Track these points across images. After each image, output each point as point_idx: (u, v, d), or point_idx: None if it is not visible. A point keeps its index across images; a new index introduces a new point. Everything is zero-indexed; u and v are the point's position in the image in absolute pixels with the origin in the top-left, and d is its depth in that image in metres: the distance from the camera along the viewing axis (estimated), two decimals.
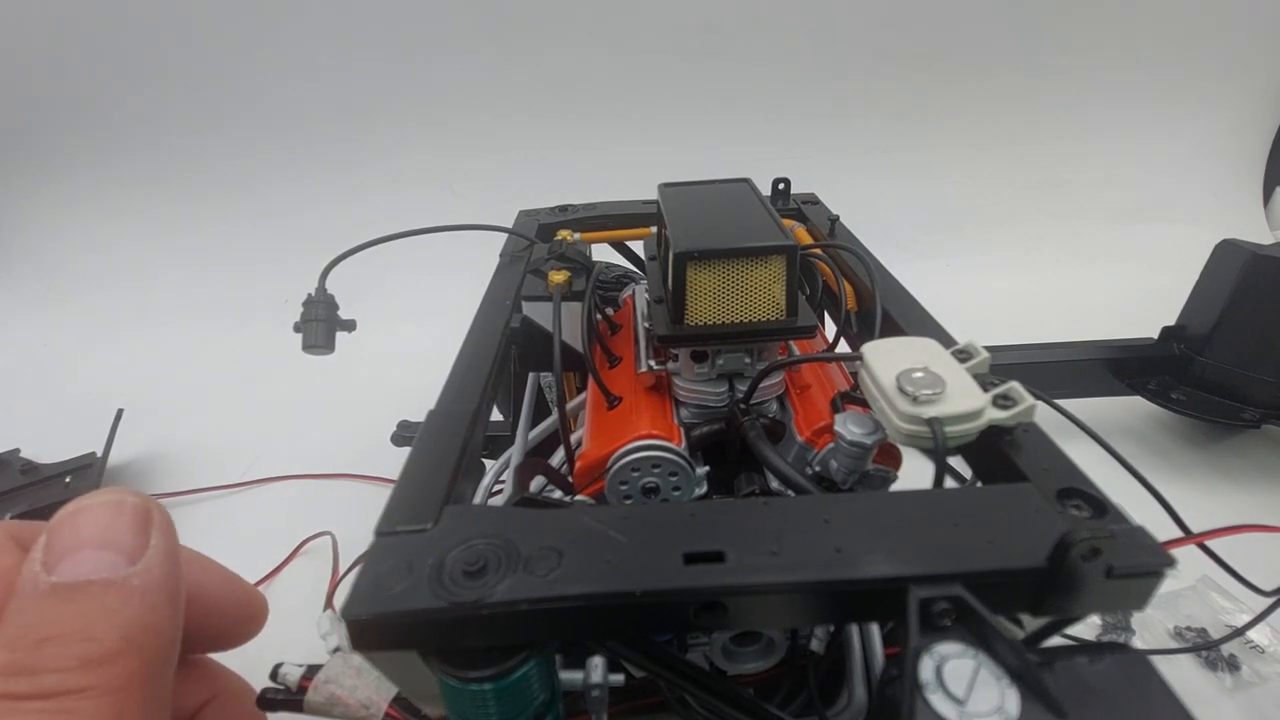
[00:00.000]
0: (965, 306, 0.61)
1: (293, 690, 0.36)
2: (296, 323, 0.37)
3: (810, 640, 0.29)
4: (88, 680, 0.16)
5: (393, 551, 0.19)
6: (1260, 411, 0.56)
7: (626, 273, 0.49)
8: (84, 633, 0.17)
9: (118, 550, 0.18)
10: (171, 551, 0.19)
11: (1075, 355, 0.62)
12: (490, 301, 0.37)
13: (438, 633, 0.18)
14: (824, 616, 0.20)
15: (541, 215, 0.50)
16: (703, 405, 0.32)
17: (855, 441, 0.26)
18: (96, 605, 0.17)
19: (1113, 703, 0.16)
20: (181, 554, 0.20)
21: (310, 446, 0.65)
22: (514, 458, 0.38)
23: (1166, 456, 0.61)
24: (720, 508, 0.21)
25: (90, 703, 0.16)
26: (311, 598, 0.47)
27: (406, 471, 0.23)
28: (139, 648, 0.17)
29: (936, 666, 0.16)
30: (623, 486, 0.29)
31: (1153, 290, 0.71)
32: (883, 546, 0.19)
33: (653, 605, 0.18)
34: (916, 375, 0.22)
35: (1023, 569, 0.18)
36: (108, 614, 0.17)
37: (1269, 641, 0.42)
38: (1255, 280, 0.56)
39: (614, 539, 0.19)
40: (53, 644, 0.16)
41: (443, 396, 0.28)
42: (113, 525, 0.18)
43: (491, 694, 0.18)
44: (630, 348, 0.37)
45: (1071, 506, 0.20)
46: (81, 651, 0.16)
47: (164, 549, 0.19)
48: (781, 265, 0.29)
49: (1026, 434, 0.23)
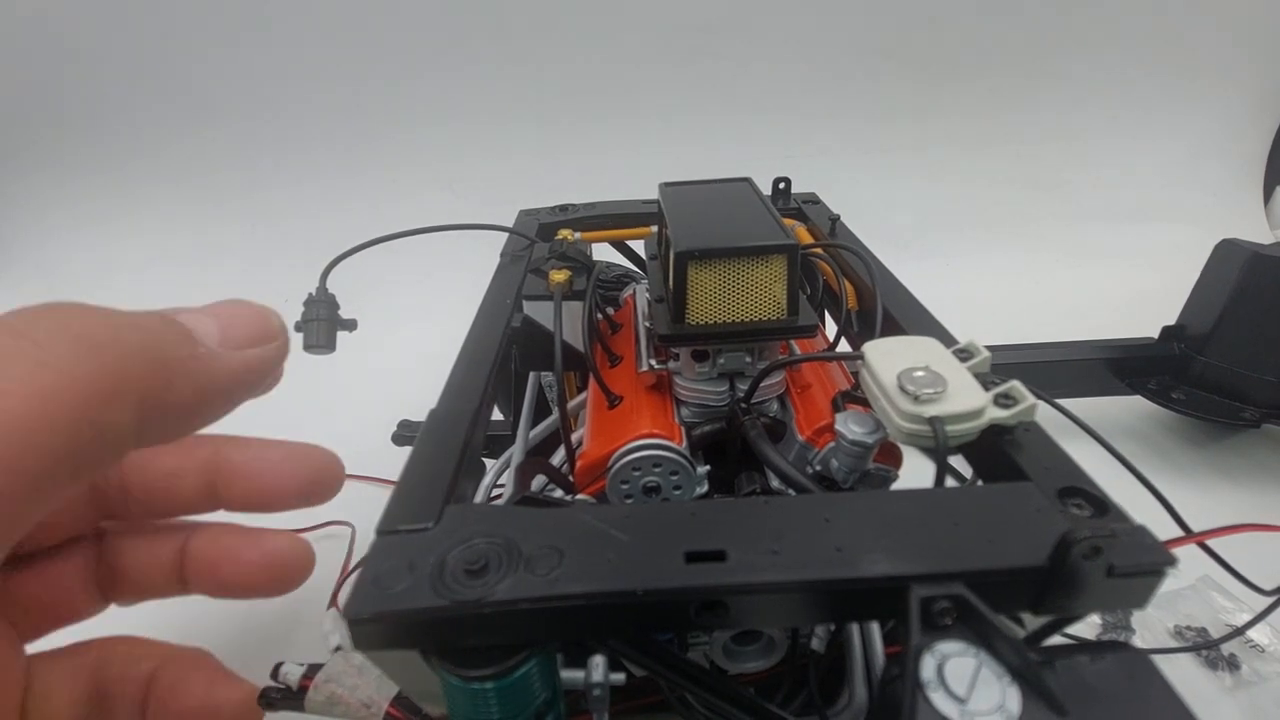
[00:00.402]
0: (966, 306, 0.61)
1: (294, 689, 0.36)
2: (297, 322, 0.37)
3: (811, 639, 0.29)
4: None
5: (394, 551, 0.19)
6: (1260, 411, 0.56)
7: (627, 272, 0.49)
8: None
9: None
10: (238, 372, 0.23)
11: (1075, 355, 0.62)
12: (491, 301, 0.37)
13: (439, 632, 0.18)
14: (825, 615, 0.20)
15: (542, 215, 0.50)
16: (703, 404, 0.32)
17: (856, 440, 0.26)
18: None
19: (1113, 701, 0.16)
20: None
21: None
22: (515, 457, 0.38)
23: (1167, 456, 0.61)
24: (721, 507, 0.21)
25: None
26: (312, 597, 0.47)
27: (407, 471, 0.23)
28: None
29: (938, 665, 0.16)
30: (624, 486, 0.29)
31: (1153, 290, 0.71)
32: (884, 545, 0.19)
33: (654, 604, 0.18)
34: (917, 374, 0.22)
35: (1024, 568, 0.18)
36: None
37: (1269, 641, 0.42)
38: (1255, 280, 0.56)
39: (615, 538, 0.19)
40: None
41: (443, 396, 0.28)
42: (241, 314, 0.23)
43: (493, 693, 0.18)
44: (631, 347, 0.37)
45: (1073, 505, 0.20)
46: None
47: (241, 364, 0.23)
48: (782, 265, 0.29)
49: (1027, 433, 0.23)
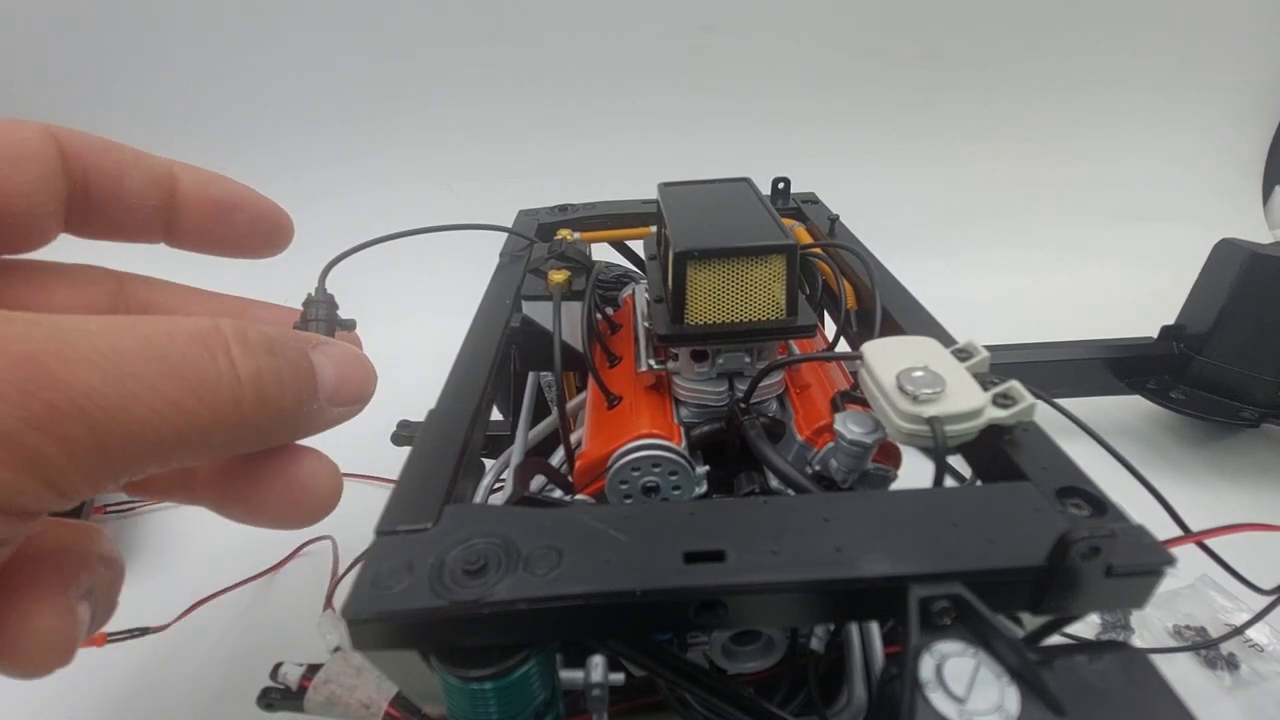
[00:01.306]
0: (965, 305, 0.61)
1: (293, 690, 0.36)
2: (296, 322, 0.37)
3: (810, 639, 0.29)
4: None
5: (393, 551, 0.19)
6: (1259, 410, 0.56)
7: (626, 272, 0.49)
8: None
9: (334, 391, 0.21)
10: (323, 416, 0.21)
11: (1075, 354, 0.62)
12: (490, 301, 0.37)
13: (438, 632, 0.18)
14: (824, 615, 0.20)
15: (541, 215, 0.50)
16: (703, 404, 0.32)
17: (855, 440, 0.26)
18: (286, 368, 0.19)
19: (1112, 701, 0.16)
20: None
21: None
22: (514, 457, 0.38)
23: (1166, 455, 0.61)
24: (720, 507, 0.21)
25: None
26: (311, 598, 0.47)
27: (406, 471, 0.23)
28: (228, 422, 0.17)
29: (936, 665, 0.16)
30: (623, 486, 0.29)
31: (1152, 289, 0.71)
32: (883, 545, 0.19)
33: (653, 604, 0.18)
34: (916, 374, 0.22)
35: (1022, 568, 0.18)
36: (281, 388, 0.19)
37: (1268, 640, 0.42)
38: (1254, 279, 0.56)
39: (614, 538, 0.19)
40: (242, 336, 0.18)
41: (443, 396, 0.28)
42: (356, 376, 0.22)
43: (492, 693, 0.18)
44: (630, 347, 0.37)
45: (1071, 505, 0.20)
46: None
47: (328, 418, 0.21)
48: (781, 264, 0.29)
49: (1026, 433, 0.23)
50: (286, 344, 0.19)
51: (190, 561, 0.53)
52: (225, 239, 0.27)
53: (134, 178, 0.23)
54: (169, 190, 0.24)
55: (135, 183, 0.23)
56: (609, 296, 0.44)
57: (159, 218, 0.25)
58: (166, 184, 0.24)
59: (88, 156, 0.22)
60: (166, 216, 0.25)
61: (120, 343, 0.15)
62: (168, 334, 0.16)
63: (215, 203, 0.25)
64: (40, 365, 0.14)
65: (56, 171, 0.21)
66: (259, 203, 0.27)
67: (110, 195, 0.23)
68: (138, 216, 0.24)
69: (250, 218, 0.27)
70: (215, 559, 0.53)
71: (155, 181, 0.24)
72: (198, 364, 0.16)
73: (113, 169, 0.23)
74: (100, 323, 0.16)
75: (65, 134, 0.22)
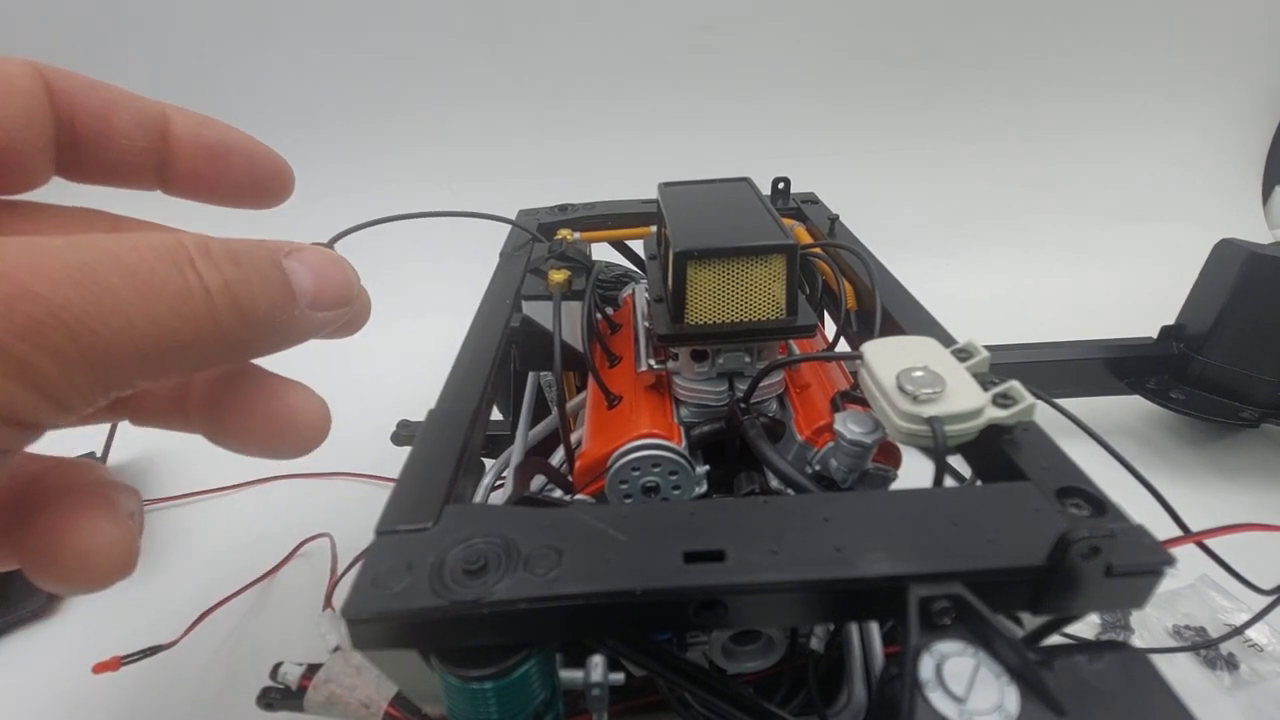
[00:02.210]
0: (965, 305, 0.61)
1: (293, 689, 0.36)
2: None
3: (810, 639, 0.29)
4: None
5: (393, 550, 0.19)
6: (1259, 410, 0.56)
7: (626, 272, 0.49)
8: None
9: (307, 290, 0.20)
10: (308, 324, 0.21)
11: (1074, 354, 0.62)
12: (490, 300, 0.37)
13: (438, 632, 0.18)
14: (824, 615, 0.20)
15: (541, 214, 0.50)
16: (703, 404, 0.32)
17: (855, 440, 0.26)
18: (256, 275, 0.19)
19: (1112, 701, 0.16)
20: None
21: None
22: (514, 457, 0.38)
23: (1166, 456, 0.61)
24: (720, 506, 0.21)
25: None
26: (311, 597, 0.47)
27: (406, 471, 0.23)
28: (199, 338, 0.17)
29: (936, 665, 0.16)
30: (623, 485, 0.29)
31: (1152, 289, 0.71)
32: (882, 545, 0.19)
33: (653, 604, 0.18)
34: (916, 374, 0.22)
35: (1022, 567, 0.18)
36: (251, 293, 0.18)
37: (1268, 640, 0.42)
38: (1254, 279, 0.56)
39: (614, 538, 0.19)
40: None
41: (443, 396, 0.28)
42: (335, 278, 0.21)
43: (491, 693, 0.18)
44: (630, 347, 0.37)
45: (1071, 505, 0.20)
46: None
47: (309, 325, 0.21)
48: (781, 264, 0.29)
49: (1026, 433, 0.23)
50: (253, 253, 0.19)
51: (190, 562, 0.53)
52: (220, 185, 0.26)
53: (123, 117, 0.23)
54: (160, 132, 0.24)
55: (124, 123, 0.23)
56: (609, 296, 0.44)
57: (150, 160, 0.24)
58: (158, 125, 0.24)
59: (75, 94, 0.22)
60: (159, 159, 0.24)
61: (89, 257, 0.16)
62: (133, 249, 0.16)
63: (209, 146, 0.25)
64: (13, 280, 0.14)
65: (43, 105, 0.21)
66: (255, 148, 0.26)
67: (99, 135, 0.23)
68: (128, 158, 0.24)
69: (246, 162, 0.26)
70: (215, 559, 0.53)
71: (145, 122, 0.24)
72: (166, 278, 0.17)
73: (100, 107, 0.23)
74: (67, 240, 0.16)
75: (52, 71, 0.21)
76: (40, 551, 0.18)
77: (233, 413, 0.22)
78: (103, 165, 0.23)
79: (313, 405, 0.23)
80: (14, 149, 0.20)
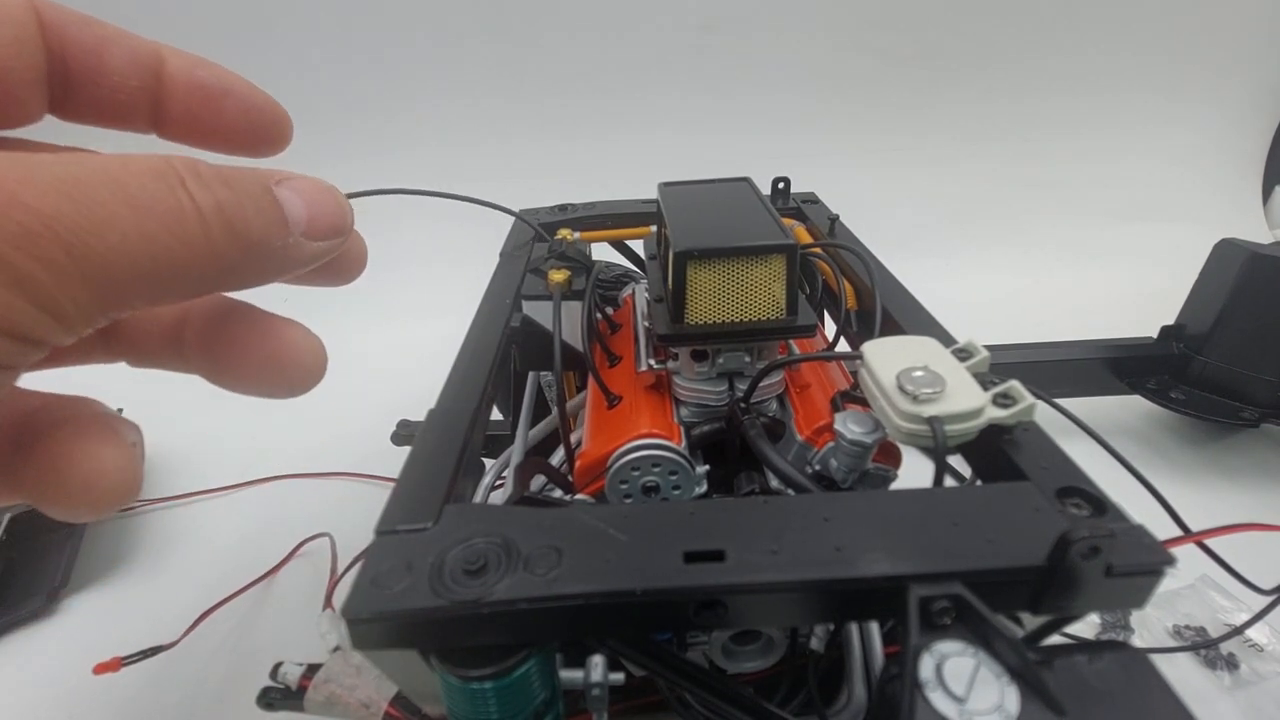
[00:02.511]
0: (965, 305, 0.61)
1: (293, 689, 0.36)
2: None
3: (810, 639, 0.29)
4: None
5: (393, 550, 0.19)
6: (1259, 410, 0.56)
7: (626, 272, 0.49)
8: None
9: (300, 220, 0.20)
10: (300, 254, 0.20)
11: (1075, 354, 0.62)
12: (490, 300, 0.37)
13: (437, 631, 0.18)
14: (824, 615, 0.20)
15: (541, 214, 0.50)
16: (703, 404, 0.32)
17: (855, 440, 0.26)
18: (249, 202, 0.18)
19: (1112, 701, 0.16)
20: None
21: (310, 445, 0.65)
22: (514, 457, 0.38)
23: (1166, 455, 0.61)
24: (720, 506, 0.21)
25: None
26: (311, 597, 0.47)
27: (406, 471, 0.23)
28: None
29: (936, 665, 0.16)
30: (623, 485, 0.29)
31: (1152, 289, 0.71)
32: (882, 545, 0.19)
33: (653, 604, 0.18)
34: (916, 374, 0.22)
35: (1022, 567, 0.18)
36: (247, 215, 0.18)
37: (1268, 640, 0.42)
38: (1254, 279, 0.56)
39: (614, 538, 0.19)
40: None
41: (443, 395, 0.28)
42: (328, 206, 0.21)
43: (491, 693, 0.18)
44: (630, 347, 0.37)
45: (1071, 505, 0.20)
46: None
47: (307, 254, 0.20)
48: (781, 264, 0.29)
49: (1026, 433, 0.23)
50: (244, 177, 0.19)
51: (190, 562, 0.53)
52: (215, 129, 0.25)
53: (115, 54, 0.23)
54: (154, 71, 0.24)
55: (117, 59, 0.23)
56: (609, 296, 0.44)
57: (144, 100, 0.24)
58: (151, 64, 0.23)
59: (67, 27, 0.22)
60: (152, 99, 0.24)
61: (79, 171, 0.16)
62: (122, 165, 0.16)
63: (203, 87, 0.24)
64: (5, 190, 0.14)
65: (35, 37, 0.21)
66: (252, 93, 0.26)
67: (91, 71, 0.22)
68: (120, 96, 0.23)
69: (242, 106, 0.25)
70: (215, 559, 0.53)
71: (138, 60, 0.23)
72: (157, 195, 0.16)
73: (93, 43, 0.22)
74: (55, 155, 0.16)
75: (43, 3, 0.21)
76: (45, 478, 0.18)
77: (230, 350, 0.22)
78: (95, 103, 0.23)
79: (309, 342, 0.23)
80: (5, 79, 0.20)
